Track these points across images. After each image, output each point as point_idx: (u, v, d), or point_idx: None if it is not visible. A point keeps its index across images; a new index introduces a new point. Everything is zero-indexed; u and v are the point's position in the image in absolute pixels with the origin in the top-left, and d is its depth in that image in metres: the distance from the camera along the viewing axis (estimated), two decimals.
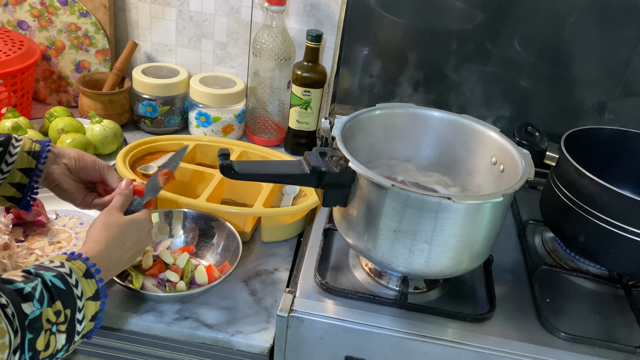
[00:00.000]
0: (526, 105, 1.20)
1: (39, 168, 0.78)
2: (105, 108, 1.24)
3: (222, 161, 0.75)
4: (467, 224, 0.74)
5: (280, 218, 0.99)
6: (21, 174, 0.77)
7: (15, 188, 0.78)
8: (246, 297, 0.88)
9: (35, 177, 0.78)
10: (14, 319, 0.55)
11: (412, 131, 0.95)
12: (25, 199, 0.79)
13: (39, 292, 0.58)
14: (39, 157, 0.78)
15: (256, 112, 1.28)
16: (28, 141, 0.78)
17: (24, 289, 0.57)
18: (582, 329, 0.82)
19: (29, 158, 0.77)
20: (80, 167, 0.81)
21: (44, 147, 0.79)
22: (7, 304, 0.54)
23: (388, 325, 0.78)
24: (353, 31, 1.19)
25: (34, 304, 0.57)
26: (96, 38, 1.30)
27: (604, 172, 0.88)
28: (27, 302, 0.57)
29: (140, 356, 0.86)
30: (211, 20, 1.30)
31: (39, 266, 0.62)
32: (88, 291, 0.64)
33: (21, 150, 0.76)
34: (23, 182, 0.78)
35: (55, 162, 0.80)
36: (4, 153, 0.75)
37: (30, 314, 0.56)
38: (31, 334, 0.56)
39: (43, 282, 0.59)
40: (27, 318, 0.56)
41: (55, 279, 0.60)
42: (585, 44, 1.13)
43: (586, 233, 0.87)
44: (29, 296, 0.57)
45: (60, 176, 0.80)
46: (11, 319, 0.54)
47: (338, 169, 0.76)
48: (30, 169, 0.77)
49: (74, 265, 0.64)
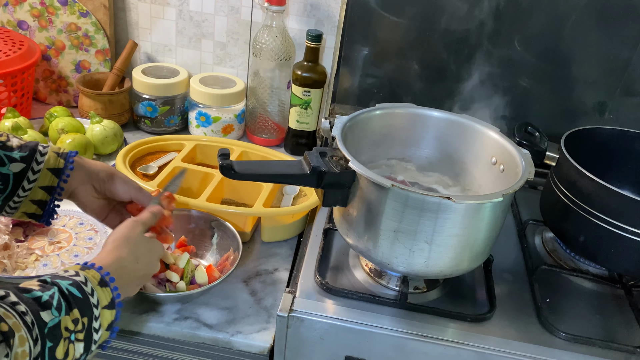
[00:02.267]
0: (526, 105, 1.20)
1: (60, 186, 0.75)
2: (105, 108, 1.24)
3: (222, 161, 0.75)
4: (467, 224, 0.74)
5: (280, 218, 0.99)
6: (43, 192, 0.75)
7: (37, 205, 0.75)
8: (246, 297, 0.88)
9: (57, 194, 0.75)
10: (34, 327, 0.54)
11: (412, 131, 0.95)
12: (45, 215, 0.77)
13: (56, 300, 0.58)
14: (61, 174, 0.75)
15: (256, 112, 1.28)
16: (53, 156, 0.74)
17: (42, 297, 0.57)
18: (582, 329, 0.82)
19: (52, 176, 0.74)
20: (108, 189, 0.78)
21: (67, 164, 0.75)
22: (27, 312, 0.54)
23: (388, 325, 0.78)
24: (353, 31, 1.19)
25: (53, 311, 0.57)
26: (96, 38, 1.30)
27: (604, 172, 0.88)
28: (45, 311, 0.56)
29: (140, 356, 0.86)
30: (211, 20, 1.30)
31: (54, 275, 0.61)
32: (104, 299, 0.63)
33: (44, 167, 0.74)
34: (44, 200, 0.75)
35: (83, 182, 0.77)
36: (27, 169, 0.73)
37: (50, 322, 0.56)
38: (51, 342, 0.56)
39: (60, 291, 0.59)
40: (46, 326, 0.56)
41: (71, 287, 0.60)
42: (585, 44, 1.13)
43: (586, 233, 0.87)
44: (47, 304, 0.57)
45: (86, 197, 0.78)
46: (30, 327, 0.54)
47: (338, 169, 0.76)
48: (52, 187, 0.75)
49: (88, 274, 0.63)
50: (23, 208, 0.75)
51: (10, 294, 0.55)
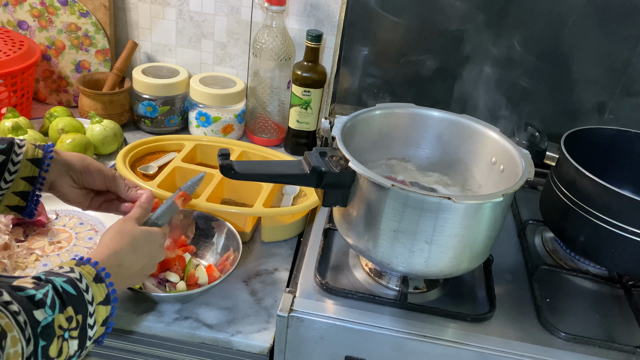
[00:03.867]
0: (526, 105, 1.20)
1: (42, 176, 0.76)
2: (105, 108, 1.24)
3: (222, 161, 0.75)
4: (467, 224, 0.74)
5: (280, 218, 0.99)
6: (25, 183, 0.75)
7: (20, 197, 0.76)
8: (246, 297, 0.88)
9: (38, 184, 0.76)
10: (26, 326, 0.54)
11: (412, 131, 0.95)
12: (29, 207, 0.77)
13: (50, 298, 0.58)
14: (41, 164, 0.75)
15: (256, 112, 1.28)
16: (31, 147, 0.75)
17: (36, 296, 0.57)
18: (582, 329, 0.82)
19: (32, 166, 0.75)
20: (85, 179, 0.79)
21: (46, 154, 0.76)
22: (19, 311, 0.54)
23: (388, 325, 0.78)
24: (353, 31, 1.19)
25: (46, 310, 0.57)
26: (96, 38, 1.30)
27: (604, 172, 0.88)
28: (39, 309, 0.56)
29: (140, 356, 0.86)
30: (211, 20, 1.30)
31: (49, 272, 0.61)
32: (99, 295, 0.63)
33: (24, 158, 0.74)
34: (27, 190, 0.76)
35: (60, 173, 0.77)
36: (7, 161, 0.73)
37: (43, 321, 0.56)
38: (44, 341, 0.56)
39: (54, 288, 0.59)
40: (39, 325, 0.56)
41: (65, 285, 0.60)
42: (585, 44, 1.13)
43: (586, 233, 0.87)
44: (41, 303, 0.57)
45: (65, 187, 0.78)
46: (23, 326, 0.54)
47: (338, 169, 0.76)
48: (33, 177, 0.75)
49: (83, 270, 0.63)
50: (6, 201, 0.76)
51: (4, 292, 0.55)
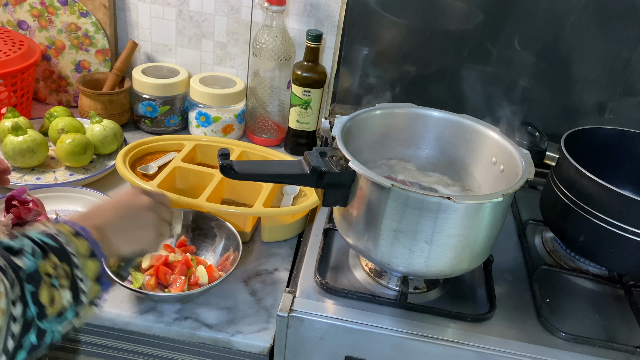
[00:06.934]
0: (526, 105, 1.20)
1: None
2: (105, 108, 1.24)
3: (222, 161, 0.75)
4: (467, 224, 0.74)
5: (280, 218, 0.99)
6: None
7: None
8: (246, 297, 0.88)
9: None
10: (7, 269, 0.52)
11: (412, 131, 0.95)
12: None
13: (29, 247, 0.56)
14: None
15: (256, 112, 1.28)
16: None
17: (13, 246, 0.55)
18: (582, 329, 0.82)
19: None
20: None
21: None
22: None
23: (388, 325, 0.78)
24: (353, 31, 1.19)
25: (27, 256, 0.55)
26: (96, 38, 1.30)
27: (604, 172, 0.88)
28: (18, 256, 0.54)
29: (140, 356, 0.86)
30: (211, 20, 1.30)
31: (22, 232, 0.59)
32: (82, 248, 0.61)
33: None
34: None
35: None
36: None
37: (26, 267, 0.54)
38: (31, 285, 0.54)
39: (32, 240, 0.57)
40: (21, 270, 0.54)
41: (43, 236, 0.58)
42: (585, 44, 1.13)
43: (586, 233, 0.87)
44: (19, 251, 0.55)
45: None
46: (4, 268, 0.52)
47: (338, 169, 0.76)
48: None
49: (60, 227, 0.61)
50: None
51: None
